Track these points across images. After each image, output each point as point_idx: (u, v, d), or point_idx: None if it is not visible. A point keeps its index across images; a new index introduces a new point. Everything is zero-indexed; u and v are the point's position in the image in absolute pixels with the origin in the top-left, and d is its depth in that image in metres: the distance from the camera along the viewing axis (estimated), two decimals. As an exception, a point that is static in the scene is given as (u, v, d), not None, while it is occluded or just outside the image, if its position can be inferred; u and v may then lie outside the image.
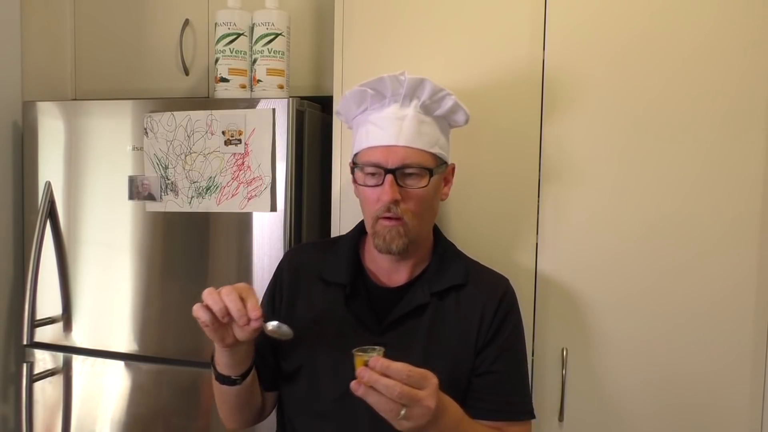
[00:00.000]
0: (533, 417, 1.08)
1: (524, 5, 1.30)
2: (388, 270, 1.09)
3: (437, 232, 1.15)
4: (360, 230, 1.15)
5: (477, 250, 1.31)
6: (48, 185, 1.62)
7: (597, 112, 1.27)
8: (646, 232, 1.26)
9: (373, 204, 1.02)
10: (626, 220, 1.27)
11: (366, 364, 0.83)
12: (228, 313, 0.88)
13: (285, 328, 0.94)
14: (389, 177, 0.99)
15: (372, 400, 0.82)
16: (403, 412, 0.81)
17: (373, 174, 1.02)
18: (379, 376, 0.81)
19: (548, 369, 1.32)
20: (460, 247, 1.17)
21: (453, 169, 1.12)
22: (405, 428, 0.84)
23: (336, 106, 1.11)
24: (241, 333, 0.91)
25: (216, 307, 0.88)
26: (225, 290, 0.89)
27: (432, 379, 0.85)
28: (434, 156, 1.03)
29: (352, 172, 1.07)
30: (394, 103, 1.02)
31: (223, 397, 1.05)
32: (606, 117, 1.27)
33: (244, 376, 1.01)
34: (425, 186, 1.00)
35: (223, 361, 0.98)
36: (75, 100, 1.83)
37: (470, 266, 1.12)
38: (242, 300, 0.89)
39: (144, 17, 1.78)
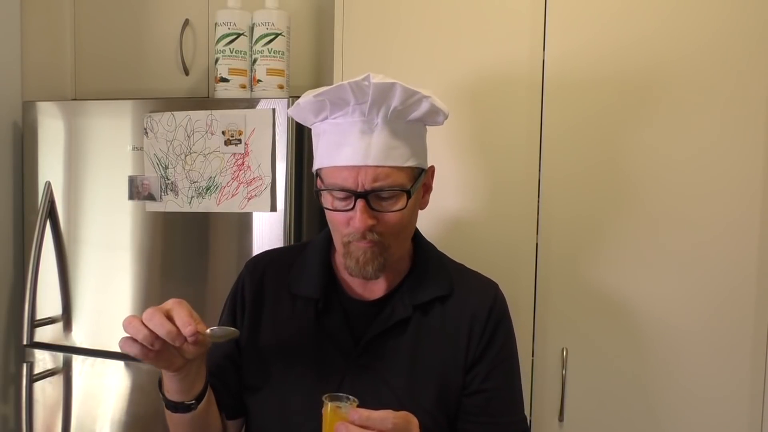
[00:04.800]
0: None
1: (524, 4, 1.30)
2: (364, 280, 0.95)
3: (417, 235, 1.01)
4: (330, 234, 1.00)
5: (477, 250, 1.31)
6: (48, 185, 1.62)
7: (597, 111, 1.27)
8: (646, 231, 1.26)
9: (343, 227, 0.89)
10: (626, 219, 1.27)
11: (338, 413, 0.76)
12: (157, 338, 0.75)
13: (225, 329, 0.82)
14: (360, 202, 0.85)
15: None
16: None
17: (342, 198, 0.88)
18: (359, 430, 0.73)
19: (548, 369, 1.32)
20: (459, 248, 1.16)
21: (433, 172, 0.98)
22: None
23: (289, 110, 0.96)
24: (187, 351, 0.80)
25: (139, 336, 0.75)
26: (146, 314, 0.76)
27: (414, 421, 0.79)
28: (410, 170, 0.89)
29: (317, 193, 0.92)
30: (358, 112, 0.86)
31: (177, 428, 0.91)
32: (606, 117, 1.27)
33: (199, 399, 0.88)
34: (403, 208, 0.87)
35: (173, 387, 0.85)
36: (75, 100, 1.83)
37: (455, 273, 1.00)
38: (171, 318, 0.77)
39: (144, 17, 1.78)
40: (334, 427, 0.75)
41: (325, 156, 0.89)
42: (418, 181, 0.91)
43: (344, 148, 0.86)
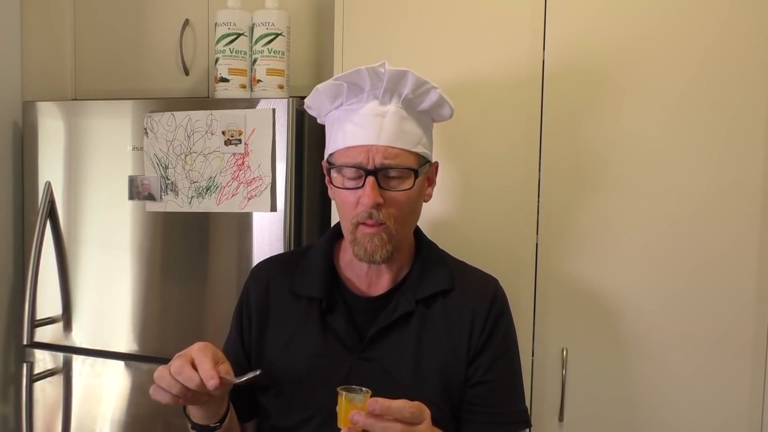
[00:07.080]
0: (529, 425, 1.04)
1: (524, 4, 1.30)
2: (368, 277, 1.00)
3: (418, 233, 1.06)
4: (333, 235, 1.06)
5: (477, 250, 1.31)
6: (48, 185, 1.62)
7: (597, 112, 1.27)
8: (646, 233, 1.26)
9: (351, 208, 0.93)
10: (627, 220, 1.27)
11: (353, 404, 0.79)
12: (188, 389, 0.81)
13: (247, 376, 0.87)
14: (370, 179, 0.90)
15: None
16: None
17: (352, 177, 0.93)
18: (376, 420, 0.76)
19: (548, 369, 1.32)
20: (460, 248, 1.16)
21: (437, 167, 1.03)
22: None
23: (306, 99, 1.01)
24: (213, 392, 0.83)
25: (174, 390, 0.81)
26: (174, 368, 0.81)
27: (427, 412, 0.81)
28: (418, 156, 0.94)
29: (328, 173, 0.98)
30: (373, 98, 0.93)
31: None
32: (606, 116, 1.27)
33: (223, 419, 0.92)
34: (410, 188, 0.92)
35: (199, 414, 0.90)
36: (75, 100, 1.83)
37: (456, 268, 1.04)
38: (195, 365, 0.81)
39: (144, 17, 1.78)
40: (348, 417, 0.78)
41: (339, 140, 0.95)
42: (424, 168, 0.96)
43: (357, 129, 0.92)
